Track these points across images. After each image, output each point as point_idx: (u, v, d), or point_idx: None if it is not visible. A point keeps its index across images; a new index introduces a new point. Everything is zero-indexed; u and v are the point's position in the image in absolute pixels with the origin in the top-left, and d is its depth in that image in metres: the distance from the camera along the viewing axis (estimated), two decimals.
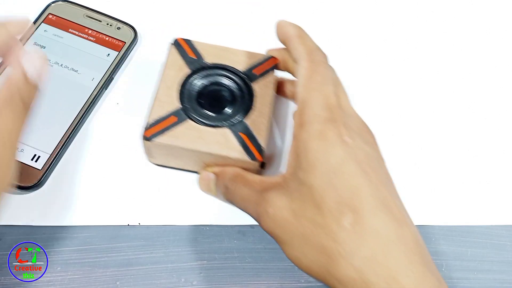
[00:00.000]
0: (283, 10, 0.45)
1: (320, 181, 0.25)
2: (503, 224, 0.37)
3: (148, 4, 0.43)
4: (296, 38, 0.30)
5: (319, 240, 0.25)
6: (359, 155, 0.26)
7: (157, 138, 0.31)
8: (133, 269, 0.33)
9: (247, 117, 0.32)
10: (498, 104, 0.42)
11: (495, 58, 0.45)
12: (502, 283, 0.35)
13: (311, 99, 0.27)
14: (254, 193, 0.29)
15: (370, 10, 0.46)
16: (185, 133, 0.31)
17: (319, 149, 0.26)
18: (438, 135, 0.40)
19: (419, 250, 0.24)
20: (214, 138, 0.31)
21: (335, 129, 0.26)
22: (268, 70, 0.34)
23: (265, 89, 0.34)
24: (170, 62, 0.34)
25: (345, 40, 0.44)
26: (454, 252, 0.36)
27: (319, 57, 0.29)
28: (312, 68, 0.29)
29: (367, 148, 0.27)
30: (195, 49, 0.35)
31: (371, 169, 0.26)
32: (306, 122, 0.27)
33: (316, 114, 0.27)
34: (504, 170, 0.39)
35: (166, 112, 0.32)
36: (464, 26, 0.46)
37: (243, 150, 0.31)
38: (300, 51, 0.30)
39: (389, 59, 0.43)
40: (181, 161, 0.33)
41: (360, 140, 0.27)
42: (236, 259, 0.34)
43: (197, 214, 0.35)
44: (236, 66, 0.34)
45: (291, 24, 0.31)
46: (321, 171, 0.25)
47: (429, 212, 0.37)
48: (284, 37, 0.31)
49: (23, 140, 0.35)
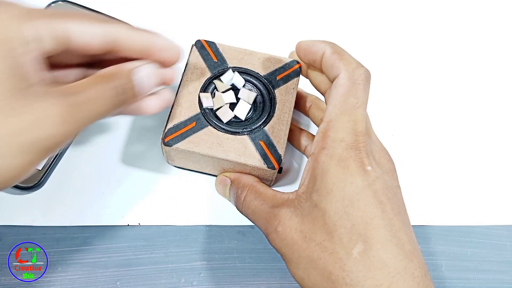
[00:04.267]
0: (282, 11, 0.45)
1: (334, 208, 0.25)
2: (502, 224, 0.37)
3: (149, 4, 0.43)
4: (332, 55, 0.28)
5: (326, 265, 0.25)
6: (377, 184, 0.25)
7: (177, 144, 0.31)
8: (133, 270, 0.33)
9: (267, 124, 0.32)
10: (498, 105, 0.42)
11: (492, 59, 0.45)
12: (502, 283, 0.35)
13: (339, 122, 0.27)
14: (265, 207, 0.29)
15: (373, 9, 0.46)
16: (204, 140, 0.31)
17: (339, 176, 0.25)
18: (438, 135, 0.40)
19: (426, 284, 0.24)
20: (233, 145, 0.31)
21: (357, 157, 0.26)
22: (290, 75, 0.34)
23: (286, 95, 0.33)
24: (192, 65, 0.33)
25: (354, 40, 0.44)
26: (454, 252, 0.36)
27: (362, 75, 0.28)
28: (351, 88, 0.27)
29: (386, 178, 0.27)
30: (218, 52, 0.34)
31: (387, 199, 0.25)
32: (329, 145, 0.26)
33: (341, 139, 0.26)
34: (504, 170, 0.39)
35: (186, 117, 0.31)
36: (461, 27, 0.46)
37: (261, 158, 0.31)
38: (340, 67, 0.28)
39: (390, 59, 0.43)
40: (199, 164, 0.33)
41: (380, 169, 0.26)
42: (236, 259, 0.34)
43: (197, 214, 0.35)
44: (259, 71, 0.34)
45: (322, 42, 0.30)
46: (337, 198, 0.25)
47: (429, 212, 0.37)
48: (314, 57, 0.30)
49: None
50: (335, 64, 0.28)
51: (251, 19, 0.44)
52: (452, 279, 0.35)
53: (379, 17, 0.46)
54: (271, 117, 0.32)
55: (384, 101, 0.41)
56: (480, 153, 0.40)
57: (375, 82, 0.42)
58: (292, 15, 0.45)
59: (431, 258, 0.35)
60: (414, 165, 0.39)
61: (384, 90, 0.42)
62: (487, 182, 0.39)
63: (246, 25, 0.43)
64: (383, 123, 0.40)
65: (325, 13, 0.45)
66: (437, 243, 0.36)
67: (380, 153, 0.28)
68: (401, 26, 0.46)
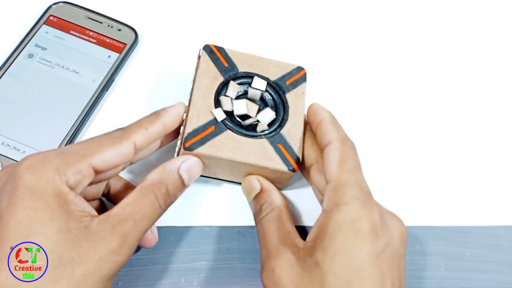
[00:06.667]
0: (280, 11, 0.45)
1: (338, 273, 0.25)
2: (501, 224, 0.37)
3: (149, 5, 0.43)
4: (330, 124, 0.31)
5: None
6: (385, 253, 0.26)
7: (198, 148, 0.30)
8: (134, 270, 0.33)
9: (282, 127, 0.32)
10: (498, 106, 0.43)
11: (491, 58, 0.45)
12: (500, 283, 0.35)
13: (348, 180, 0.27)
14: (275, 237, 0.29)
15: (372, 10, 0.46)
16: (225, 144, 0.31)
17: (350, 239, 0.25)
18: (436, 136, 0.40)
19: None
20: (253, 148, 0.31)
21: (371, 217, 0.26)
22: (298, 81, 0.34)
23: (297, 99, 0.33)
24: (204, 69, 0.33)
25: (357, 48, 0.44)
26: (453, 252, 0.36)
27: (350, 145, 0.30)
28: (346, 152, 0.29)
29: (395, 244, 0.27)
30: (228, 57, 0.34)
31: (389, 271, 0.25)
32: (343, 202, 0.26)
33: (354, 195, 0.26)
34: (503, 171, 0.40)
35: (204, 121, 0.31)
36: (457, 25, 0.47)
37: (281, 161, 0.31)
38: (334, 136, 0.30)
39: (383, 60, 0.44)
40: (216, 170, 0.33)
41: (389, 233, 0.27)
42: (236, 259, 0.34)
43: (197, 215, 0.35)
44: (269, 76, 0.34)
45: (326, 110, 0.32)
46: (343, 263, 0.25)
47: (428, 213, 0.37)
48: (317, 119, 0.31)
49: (25, 141, 0.35)
50: (329, 132, 0.30)
51: (253, 25, 0.44)
52: (451, 279, 0.35)
53: (378, 17, 0.46)
54: (286, 121, 0.33)
55: (381, 99, 0.41)
56: (479, 154, 0.40)
57: (376, 79, 0.43)
58: (294, 20, 0.45)
59: (429, 258, 0.36)
60: (412, 165, 0.39)
61: (381, 88, 0.42)
62: (485, 182, 0.39)
63: (248, 31, 0.44)
64: (383, 123, 0.40)
65: (328, 19, 0.46)
66: (435, 243, 0.36)
67: (389, 215, 0.28)
68: (401, 26, 0.46)
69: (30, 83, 0.37)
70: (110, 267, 0.25)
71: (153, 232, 0.32)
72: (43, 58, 0.38)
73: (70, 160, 0.26)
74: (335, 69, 0.43)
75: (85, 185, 0.27)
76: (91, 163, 0.26)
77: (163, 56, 0.41)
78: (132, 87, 0.39)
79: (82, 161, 0.26)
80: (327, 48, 0.44)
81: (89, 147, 0.27)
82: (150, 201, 0.27)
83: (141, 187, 0.27)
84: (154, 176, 0.28)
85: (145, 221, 0.26)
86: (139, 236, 0.26)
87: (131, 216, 0.26)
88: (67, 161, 0.25)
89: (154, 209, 0.27)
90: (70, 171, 0.25)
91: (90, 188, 0.31)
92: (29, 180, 0.24)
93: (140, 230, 0.26)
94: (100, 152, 0.27)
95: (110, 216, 0.26)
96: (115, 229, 0.25)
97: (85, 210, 0.25)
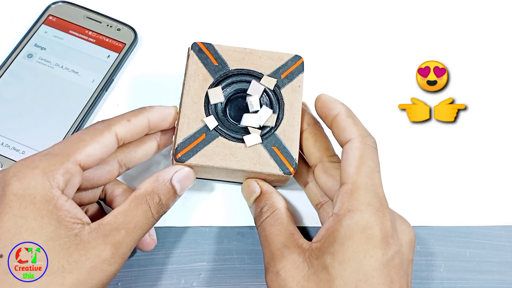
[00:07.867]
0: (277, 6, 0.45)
1: (346, 279, 0.25)
2: (501, 224, 0.37)
3: (148, 5, 0.43)
4: (347, 118, 0.29)
5: None
6: (395, 261, 0.25)
7: (189, 160, 0.29)
8: (134, 271, 0.33)
9: (277, 128, 0.31)
10: (497, 106, 0.42)
11: (490, 58, 0.45)
12: (501, 283, 0.35)
13: (364, 185, 0.26)
14: (278, 240, 0.28)
15: (370, 7, 0.46)
16: (216, 152, 0.30)
17: (361, 246, 0.25)
18: (437, 136, 0.40)
19: None
20: (246, 154, 0.30)
21: (383, 225, 0.26)
22: (294, 72, 0.33)
23: (293, 94, 0.32)
24: (192, 72, 0.32)
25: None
26: (453, 252, 0.36)
27: (371, 143, 0.28)
28: (366, 151, 0.27)
29: (404, 251, 0.26)
30: (217, 54, 0.32)
31: (398, 277, 0.25)
32: (357, 208, 0.26)
33: (368, 202, 0.26)
34: (503, 171, 0.39)
35: (195, 129, 0.30)
36: (455, 24, 0.46)
37: (276, 165, 0.30)
38: (354, 132, 0.28)
39: (389, 57, 0.44)
40: (211, 174, 0.32)
41: (399, 241, 0.26)
42: (236, 260, 0.34)
43: (197, 215, 0.35)
44: (262, 71, 0.32)
45: (339, 103, 0.30)
46: (352, 269, 0.25)
47: (428, 213, 0.37)
48: (332, 114, 0.30)
49: (24, 142, 0.35)
50: (348, 128, 0.29)
51: (245, 15, 0.43)
52: (451, 279, 0.35)
53: (375, 14, 0.46)
54: (281, 120, 0.31)
55: (384, 101, 0.41)
56: (479, 154, 0.40)
57: (376, 77, 0.42)
58: (288, 7, 0.45)
59: (430, 259, 0.36)
60: (414, 166, 0.39)
61: (384, 89, 0.42)
62: (486, 182, 0.39)
63: (240, 21, 0.43)
64: (382, 123, 0.40)
65: (322, 5, 0.45)
66: (436, 243, 0.36)
67: (399, 220, 0.28)
68: (400, 27, 0.46)
69: (29, 83, 0.37)
70: (101, 277, 0.25)
71: (151, 235, 0.32)
72: (42, 58, 0.38)
73: (56, 161, 0.25)
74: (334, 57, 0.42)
75: (76, 184, 0.26)
76: (76, 160, 0.26)
77: (163, 56, 0.41)
78: (132, 87, 0.39)
79: (68, 160, 0.26)
80: (325, 35, 0.43)
81: (72, 144, 0.27)
82: (143, 211, 0.27)
83: (134, 197, 0.27)
84: (147, 186, 0.28)
85: (137, 230, 0.26)
86: (132, 245, 0.26)
87: (124, 225, 0.26)
88: (53, 163, 0.25)
89: (146, 219, 0.27)
90: (58, 172, 0.25)
91: (86, 193, 0.30)
92: (18, 187, 0.24)
93: (132, 239, 0.26)
94: (83, 147, 0.27)
95: (102, 225, 0.26)
96: (107, 238, 0.25)
97: (76, 216, 0.25)
